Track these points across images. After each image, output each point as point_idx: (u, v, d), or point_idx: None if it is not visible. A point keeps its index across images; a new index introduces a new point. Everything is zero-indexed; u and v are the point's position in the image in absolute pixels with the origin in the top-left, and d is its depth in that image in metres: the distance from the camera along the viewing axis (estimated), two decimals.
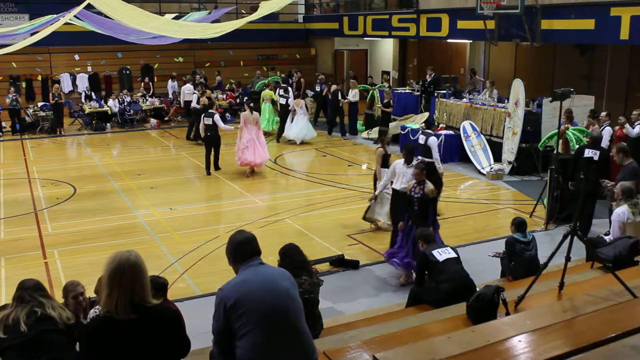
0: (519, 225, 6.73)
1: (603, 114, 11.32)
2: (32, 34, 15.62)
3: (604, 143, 10.19)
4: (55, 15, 14.01)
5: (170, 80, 21.64)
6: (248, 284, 3.25)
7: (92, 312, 4.38)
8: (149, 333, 3.04)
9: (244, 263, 3.35)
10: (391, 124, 16.47)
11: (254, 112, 13.38)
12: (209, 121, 13.25)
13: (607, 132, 10.71)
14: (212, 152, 13.49)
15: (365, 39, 22.84)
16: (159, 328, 3.07)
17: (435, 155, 9.75)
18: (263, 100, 17.97)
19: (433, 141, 9.87)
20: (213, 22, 17.91)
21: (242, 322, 3.15)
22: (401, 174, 8.23)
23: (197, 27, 16.36)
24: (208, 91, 18.21)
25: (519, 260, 6.52)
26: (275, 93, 17.83)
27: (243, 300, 3.17)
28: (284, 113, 17.17)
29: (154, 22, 14.36)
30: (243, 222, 9.93)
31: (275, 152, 15.60)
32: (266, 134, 16.58)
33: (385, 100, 16.39)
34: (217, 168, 13.65)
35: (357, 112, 18.22)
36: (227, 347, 3.25)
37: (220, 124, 13.36)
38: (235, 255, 3.39)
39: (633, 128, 10.75)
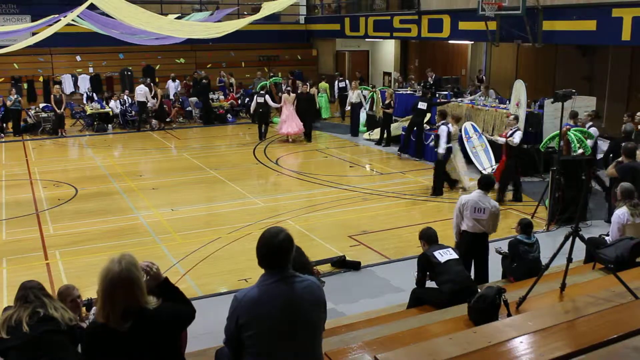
0: (525, 226, 6.69)
1: (585, 113, 11.32)
2: (33, 34, 15.65)
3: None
4: (57, 16, 14.04)
5: (170, 80, 21.67)
6: (264, 306, 3.11)
7: (92, 314, 4.39)
8: (148, 337, 3.04)
9: (269, 271, 3.19)
10: (393, 125, 16.50)
11: (292, 94, 17.20)
12: (261, 100, 17.08)
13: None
14: (263, 125, 17.33)
15: (366, 40, 22.86)
16: (158, 331, 3.07)
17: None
18: (319, 92, 20.46)
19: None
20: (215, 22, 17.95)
21: (252, 342, 3.13)
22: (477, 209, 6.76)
23: (199, 26, 16.40)
24: (159, 90, 19.83)
25: (522, 262, 6.49)
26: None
27: (255, 323, 3.11)
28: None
29: (156, 21, 14.39)
30: (244, 223, 9.94)
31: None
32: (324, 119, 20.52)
33: (387, 102, 16.39)
34: (264, 138, 17.20)
35: (360, 113, 18.26)
36: (235, 351, 3.25)
37: (270, 102, 17.23)
38: (262, 260, 3.19)
39: (588, 127, 10.84)
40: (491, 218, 6.73)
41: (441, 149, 11.32)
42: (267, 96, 17.31)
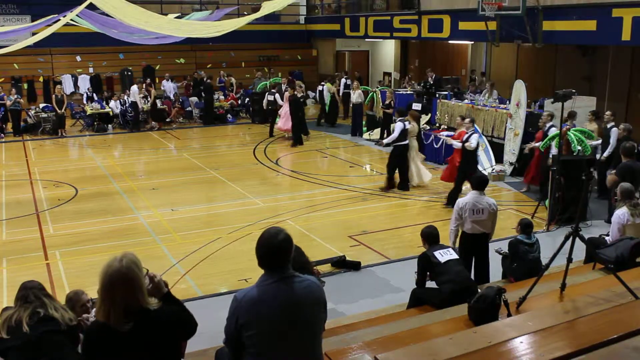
0: (525, 227, 6.67)
1: (545, 114, 11.41)
2: (33, 34, 15.65)
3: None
4: (57, 15, 14.04)
5: (165, 80, 21.56)
6: (264, 306, 3.11)
7: (92, 314, 4.38)
8: (148, 338, 3.03)
9: (269, 271, 3.18)
10: (392, 125, 16.50)
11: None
12: (271, 98, 17.89)
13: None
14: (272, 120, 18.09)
15: (366, 40, 22.85)
16: (159, 332, 3.07)
17: None
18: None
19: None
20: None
21: (252, 342, 3.13)
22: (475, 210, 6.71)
23: (199, 25, 16.41)
24: (152, 90, 19.67)
25: (522, 262, 6.49)
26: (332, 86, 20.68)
27: (255, 323, 3.10)
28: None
29: (156, 21, 14.40)
30: (244, 223, 9.94)
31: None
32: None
33: (387, 102, 16.39)
34: (271, 135, 17.94)
35: (362, 113, 18.29)
36: (235, 351, 3.25)
37: (279, 100, 17.86)
38: (262, 260, 3.18)
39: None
40: (491, 217, 6.73)
41: (386, 141, 12.21)
42: (277, 95, 17.78)
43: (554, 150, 10.52)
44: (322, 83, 20.35)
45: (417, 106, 14.80)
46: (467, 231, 6.76)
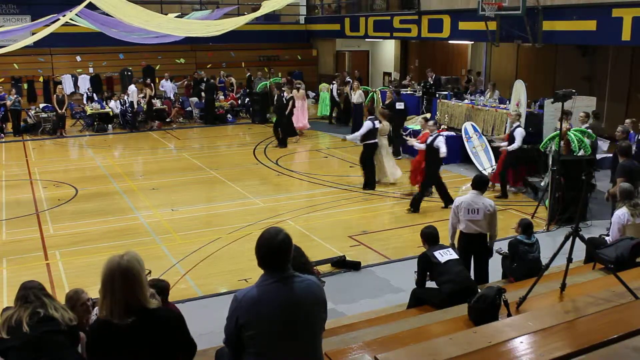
0: (526, 227, 6.67)
1: (513, 114, 11.62)
2: (33, 33, 15.64)
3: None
4: (56, 15, 14.03)
5: (164, 80, 21.50)
6: (263, 306, 3.10)
7: (94, 314, 4.39)
8: (148, 336, 3.03)
9: (269, 271, 3.18)
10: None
11: (300, 90, 18.20)
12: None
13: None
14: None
15: (366, 40, 22.85)
16: (158, 331, 3.06)
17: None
18: (321, 91, 21.42)
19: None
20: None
21: (252, 342, 3.13)
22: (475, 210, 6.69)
23: (198, 24, 16.39)
24: (148, 89, 19.46)
25: (522, 262, 6.49)
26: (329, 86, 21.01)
27: (255, 323, 3.10)
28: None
29: (155, 20, 14.39)
30: (244, 223, 9.94)
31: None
32: (324, 117, 20.92)
33: (387, 102, 16.38)
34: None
35: (362, 114, 18.29)
36: (235, 351, 3.25)
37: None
38: (262, 260, 3.17)
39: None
40: (486, 218, 6.72)
41: (350, 137, 12.87)
42: (284, 93, 17.92)
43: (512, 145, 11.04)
44: (333, 82, 20.43)
45: (400, 105, 14.84)
46: (463, 230, 6.80)
